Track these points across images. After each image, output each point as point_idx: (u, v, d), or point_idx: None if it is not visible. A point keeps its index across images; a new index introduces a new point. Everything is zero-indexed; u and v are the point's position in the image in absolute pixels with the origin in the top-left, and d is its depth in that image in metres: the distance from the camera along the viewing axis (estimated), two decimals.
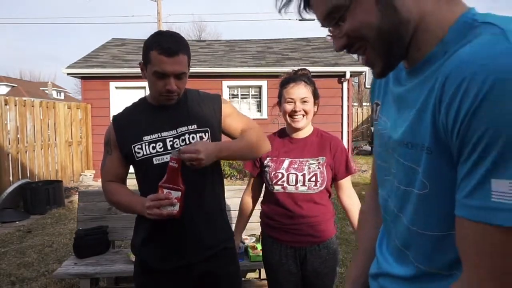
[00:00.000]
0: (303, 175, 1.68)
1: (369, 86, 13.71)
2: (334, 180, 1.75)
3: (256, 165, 1.81)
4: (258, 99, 8.93)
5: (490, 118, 0.47)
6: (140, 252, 1.45)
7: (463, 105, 0.49)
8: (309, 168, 1.69)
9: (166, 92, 1.32)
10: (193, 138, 1.38)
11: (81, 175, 8.16)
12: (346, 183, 1.76)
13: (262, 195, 1.90)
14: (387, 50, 0.61)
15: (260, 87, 8.83)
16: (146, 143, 1.38)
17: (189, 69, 1.38)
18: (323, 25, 0.64)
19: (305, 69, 1.79)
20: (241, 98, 8.96)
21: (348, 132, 8.77)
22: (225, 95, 8.63)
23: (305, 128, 1.75)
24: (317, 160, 1.70)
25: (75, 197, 6.08)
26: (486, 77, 0.47)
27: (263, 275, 2.92)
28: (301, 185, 1.68)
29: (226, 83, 8.67)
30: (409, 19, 0.58)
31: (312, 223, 1.70)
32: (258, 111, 8.93)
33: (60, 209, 5.79)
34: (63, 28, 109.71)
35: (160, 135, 1.38)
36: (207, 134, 1.41)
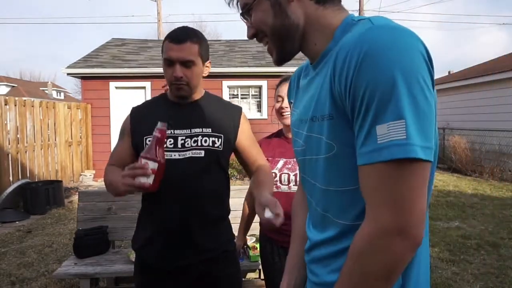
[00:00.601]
0: (295, 175, 1.69)
1: None
2: None
3: None
4: (258, 99, 8.93)
5: (366, 79, 0.60)
6: (139, 250, 1.45)
7: (349, 72, 0.63)
8: None
9: (174, 80, 1.34)
10: (205, 141, 1.38)
11: (81, 175, 8.16)
12: None
13: None
14: (280, 44, 0.78)
15: (260, 87, 8.83)
16: None
17: (204, 62, 1.39)
18: (240, 15, 0.81)
19: None
20: (241, 98, 8.96)
21: None
22: (225, 95, 8.63)
23: None
24: None
25: (75, 197, 6.08)
26: (360, 48, 0.62)
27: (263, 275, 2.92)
28: (293, 185, 1.69)
29: (226, 83, 8.67)
30: (298, 23, 0.75)
31: None
32: (258, 111, 8.93)
33: (60, 209, 5.79)
34: (63, 28, 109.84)
35: (173, 132, 1.38)
36: (220, 140, 1.40)
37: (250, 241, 2.73)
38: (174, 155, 1.35)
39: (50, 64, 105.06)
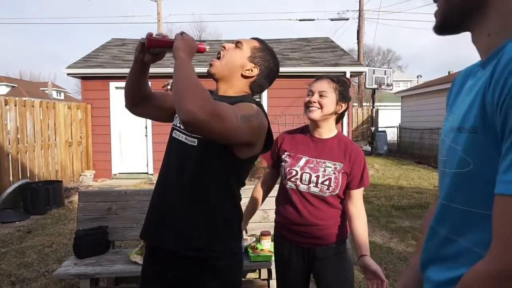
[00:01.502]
0: (317, 177, 1.67)
1: (369, 86, 13.67)
2: (346, 188, 1.72)
3: (273, 157, 1.84)
4: (258, 99, 8.93)
5: None
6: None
7: (507, 81, 0.52)
8: (325, 170, 1.67)
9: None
10: None
11: (81, 175, 8.16)
12: (356, 194, 1.72)
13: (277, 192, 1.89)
14: (446, 8, 0.66)
15: None
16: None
17: (251, 61, 1.43)
18: None
19: (346, 78, 1.83)
20: None
21: (348, 132, 8.77)
22: None
23: (321, 123, 1.72)
24: (334, 164, 1.68)
25: (75, 197, 6.07)
26: None
27: (263, 275, 2.92)
28: (313, 186, 1.68)
29: None
30: None
31: (320, 226, 1.69)
32: None
33: (60, 209, 5.78)
34: (63, 28, 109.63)
35: None
36: None
37: (250, 241, 2.73)
38: (182, 137, 1.36)
39: (50, 64, 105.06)
